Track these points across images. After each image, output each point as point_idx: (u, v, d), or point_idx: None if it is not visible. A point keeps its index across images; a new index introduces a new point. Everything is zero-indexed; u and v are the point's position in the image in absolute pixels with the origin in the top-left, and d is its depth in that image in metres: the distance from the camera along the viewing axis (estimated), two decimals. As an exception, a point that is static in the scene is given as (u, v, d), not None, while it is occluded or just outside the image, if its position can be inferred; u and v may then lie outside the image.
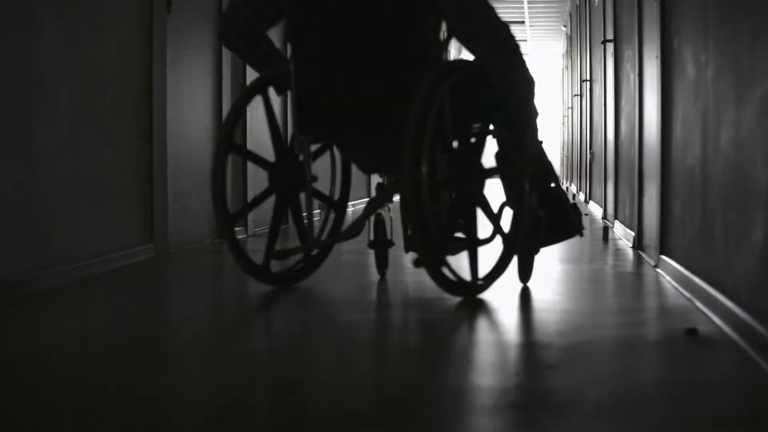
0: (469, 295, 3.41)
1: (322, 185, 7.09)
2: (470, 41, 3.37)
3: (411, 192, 3.15)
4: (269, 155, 6.60)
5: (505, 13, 16.84)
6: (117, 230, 4.37)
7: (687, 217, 3.65)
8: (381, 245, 3.96)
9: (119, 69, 4.36)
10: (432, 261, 3.21)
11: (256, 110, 6.25)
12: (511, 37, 3.41)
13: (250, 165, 6.09)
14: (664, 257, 4.18)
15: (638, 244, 5.18)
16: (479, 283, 3.45)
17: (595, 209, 8.58)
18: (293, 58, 3.53)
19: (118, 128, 4.35)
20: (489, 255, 4.70)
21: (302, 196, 7.44)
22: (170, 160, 4.90)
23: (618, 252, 5.08)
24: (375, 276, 4.05)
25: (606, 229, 5.90)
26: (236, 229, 5.90)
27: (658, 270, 4.23)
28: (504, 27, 3.40)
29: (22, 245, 3.53)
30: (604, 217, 7.59)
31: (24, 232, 3.54)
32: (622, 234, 5.91)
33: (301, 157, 3.67)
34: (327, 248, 3.91)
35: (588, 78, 9.80)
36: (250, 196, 6.11)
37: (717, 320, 2.96)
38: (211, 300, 3.41)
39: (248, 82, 6.06)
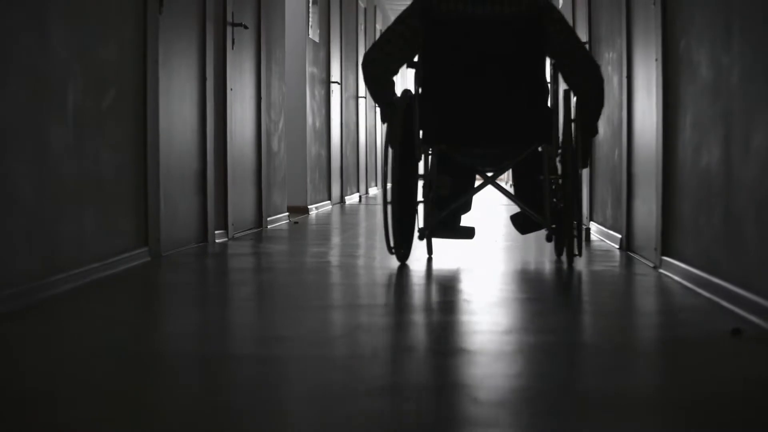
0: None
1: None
2: (570, 68, 4.55)
3: (573, 186, 4.36)
4: (248, 149, 6.55)
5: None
6: (116, 234, 4.29)
7: (702, 218, 3.68)
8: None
9: (118, 70, 4.29)
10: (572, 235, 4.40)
11: (234, 114, 6.19)
12: (592, 63, 4.53)
13: (230, 165, 6.04)
14: (667, 258, 4.21)
15: (627, 246, 5.22)
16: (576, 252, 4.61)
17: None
18: (426, 83, 4.46)
19: (116, 130, 4.28)
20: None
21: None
22: (162, 162, 4.84)
23: (607, 253, 5.11)
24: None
25: (588, 231, 5.94)
26: (217, 232, 5.85)
27: (662, 271, 4.27)
28: (589, 60, 4.54)
29: (34, 249, 3.45)
30: (574, 219, 7.64)
31: (36, 235, 3.47)
32: (603, 235, 5.95)
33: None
34: None
35: (548, 81, 9.86)
36: (231, 194, 6.06)
37: (756, 320, 2.99)
38: (240, 304, 3.37)
39: (228, 86, 6.01)
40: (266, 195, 7.04)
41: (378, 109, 4.94)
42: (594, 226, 6.37)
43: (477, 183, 11.88)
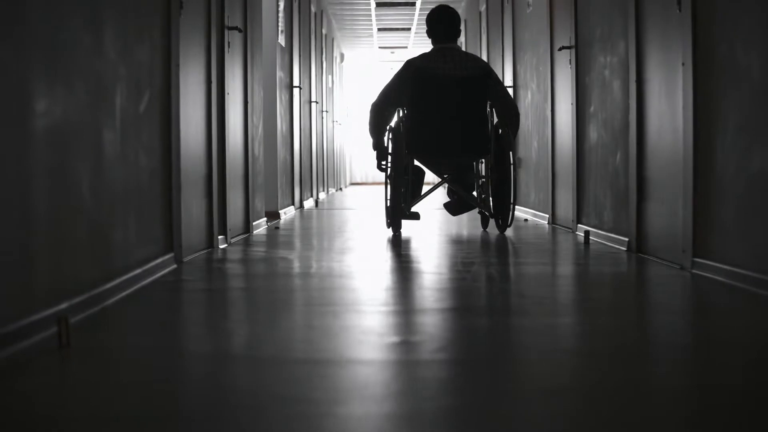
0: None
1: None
2: (502, 109, 6.75)
3: (504, 184, 6.82)
4: (239, 153, 6.50)
5: (394, 19, 16.95)
6: (152, 240, 4.22)
7: (755, 219, 3.75)
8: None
9: (150, 72, 4.22)
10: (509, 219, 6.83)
11: (229, 118, 6.13)
12: (515, 105, 6.78)
13: (228, 170, 5.98)
14: (700, 260, 4.27)
15: (637, 248, 5.28)
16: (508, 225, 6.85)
17: (522, 213, 8.71)
18: (410, 112, 6.65)
19: (149, 134, 4.21)
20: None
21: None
22: (182, 167, 4.77)
23: (616, 256, 5.15)
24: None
25: (587, 234, 6.00)
26: (219, 237, 5.78)
27: (695, 271, 4.33)
28: (513, 103, 6.78)
29: (94, 255, 3.38)
30: (553, 221, 7.71)
31: (95, 242, 3.40)
32: (602, 238, 6.01)
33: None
34: None
35: (511, 84, 9.95)
36: (229, 199, 6.00)
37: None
38: (317, 309, 3.33)
39: (227, 89, 5.95)
40: (251, 200, 6.98)
41: (371, 137, 7.00)
42: (585, 229, 6.42)
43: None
